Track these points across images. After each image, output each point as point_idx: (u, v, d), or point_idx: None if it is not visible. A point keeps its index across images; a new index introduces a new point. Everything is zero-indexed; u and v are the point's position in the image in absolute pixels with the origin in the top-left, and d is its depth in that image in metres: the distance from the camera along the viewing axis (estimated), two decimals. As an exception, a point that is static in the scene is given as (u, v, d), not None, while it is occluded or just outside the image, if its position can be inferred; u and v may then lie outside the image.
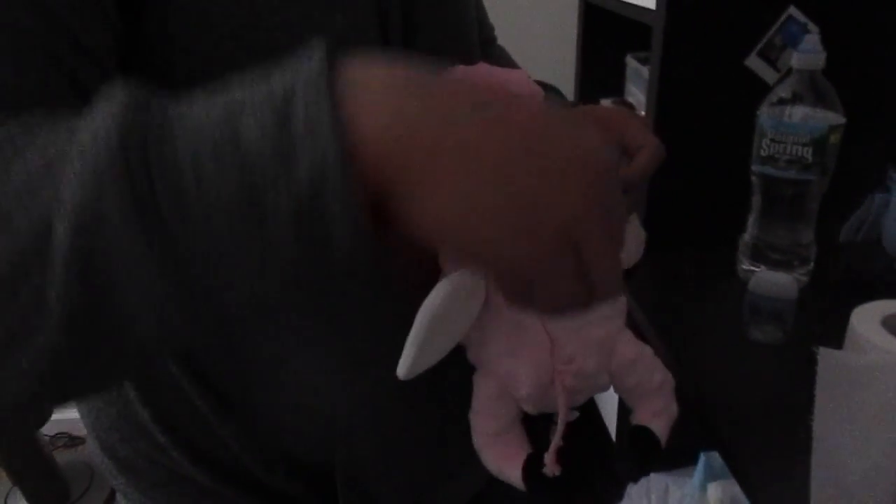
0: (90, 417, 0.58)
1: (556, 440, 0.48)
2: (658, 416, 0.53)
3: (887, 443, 0.50)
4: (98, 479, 2.00)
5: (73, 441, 2.17)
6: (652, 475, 1.22)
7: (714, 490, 1.09)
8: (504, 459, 0.51)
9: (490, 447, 0.52)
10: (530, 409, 0.50)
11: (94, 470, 2.03)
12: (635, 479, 1.24)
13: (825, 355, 0.50)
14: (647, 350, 0.52)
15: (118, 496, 0.63)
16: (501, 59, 0.73)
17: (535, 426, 0.52)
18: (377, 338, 0.44)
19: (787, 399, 0.59)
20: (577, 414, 0.54)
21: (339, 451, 0.53)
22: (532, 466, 0.50)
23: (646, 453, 0.53)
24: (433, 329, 0.43)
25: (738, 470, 0.62)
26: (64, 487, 1.93)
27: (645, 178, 0.48)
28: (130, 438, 0.56)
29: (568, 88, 1.57)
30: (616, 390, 0.53)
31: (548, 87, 0.64)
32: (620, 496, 1.25)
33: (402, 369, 0.43)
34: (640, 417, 0.53)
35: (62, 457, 2.05)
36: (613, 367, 0.51)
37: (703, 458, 1.15)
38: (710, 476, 1.13)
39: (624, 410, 1.24)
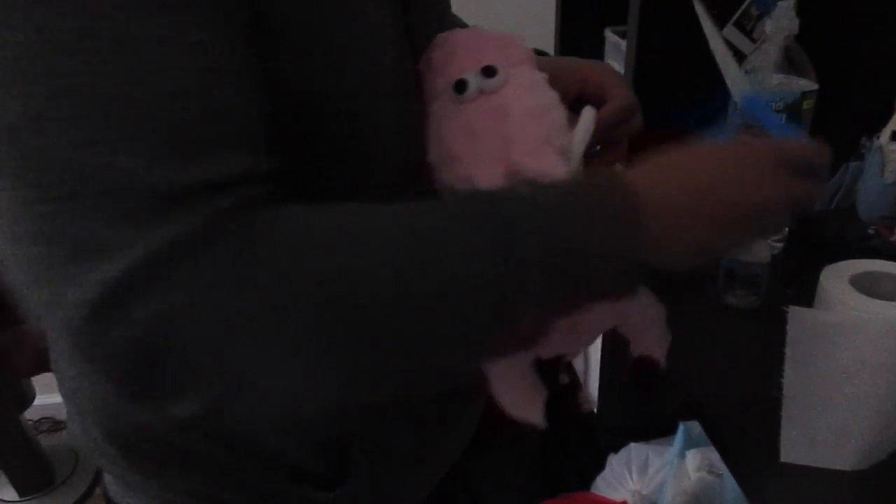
0: (94, 402, 0.55)
1: None
2: (658, 345, 0.56)
3: (853, 398, 0.51)
4: (83, 462, 2.00)
5: (56, 425, 2.16)
6: (632, 445, 1.23)
7: (692, 457, 1.11)
8: (523, 404, 0.53)
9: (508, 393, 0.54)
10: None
11: (79, 453, 2.03)
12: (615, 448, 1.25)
13: (795, 313, 0.50)
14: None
15: (106, 478, 0.60)
16: (457, 25, 0.74)
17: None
18: None
19: (762, 363, 0.60)
20: (566, 379, 0.55)
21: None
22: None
23: (649, 381, 0.55)
24: None
25: (715, 436, 0.63)
26: (49, 471, 1.92)
27: (610, 126, 0.52)
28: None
29: (548, 64, 1.56)
30: (618, 328, 0.55)
31: (536, 51, 0.65)
32: (601, 465, 1.26)
33: None
34: (639, 349, 0.56)
35: (46, 441, 2.04)
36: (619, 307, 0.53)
37: (682, 427, 1.17)
38: (689, 444, 1.14)
39: (605, 383, 1.25)
